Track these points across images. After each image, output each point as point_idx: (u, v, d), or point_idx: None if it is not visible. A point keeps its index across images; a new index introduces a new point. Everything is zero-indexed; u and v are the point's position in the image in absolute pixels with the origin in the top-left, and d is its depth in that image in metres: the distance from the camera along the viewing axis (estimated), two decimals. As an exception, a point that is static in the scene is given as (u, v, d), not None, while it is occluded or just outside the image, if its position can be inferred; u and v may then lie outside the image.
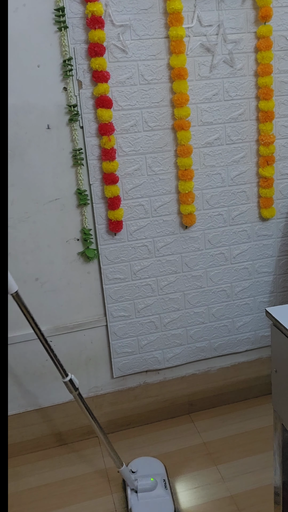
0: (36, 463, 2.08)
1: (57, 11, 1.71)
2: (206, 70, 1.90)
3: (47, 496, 1.91)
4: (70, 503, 1.87)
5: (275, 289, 2.22)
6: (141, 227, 1.99)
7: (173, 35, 1.79)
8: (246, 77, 1.94)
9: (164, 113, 1.90)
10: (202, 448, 2.07)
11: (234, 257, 2.13)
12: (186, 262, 2.08)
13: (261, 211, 2.09)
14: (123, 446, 2.12)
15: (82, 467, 2.04)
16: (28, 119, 1.79)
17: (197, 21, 1.84)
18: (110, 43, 1.78)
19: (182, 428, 2.19)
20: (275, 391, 1.32)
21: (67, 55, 1.76)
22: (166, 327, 2.13)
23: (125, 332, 2.09)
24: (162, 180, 1.96)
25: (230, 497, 1.83)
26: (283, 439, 1.36)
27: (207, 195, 2.03)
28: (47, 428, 2.13)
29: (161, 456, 2.05)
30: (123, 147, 1.89)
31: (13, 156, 1.81)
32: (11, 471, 2.04)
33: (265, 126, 1.97)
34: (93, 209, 1.93)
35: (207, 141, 1.97)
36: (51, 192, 1.88)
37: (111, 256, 1.99)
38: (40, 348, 2.03)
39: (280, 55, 1.94)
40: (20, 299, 1.52)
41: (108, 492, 1.90)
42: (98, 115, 1.81)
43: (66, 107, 1.81)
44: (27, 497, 1.92)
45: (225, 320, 2.20)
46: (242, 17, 1.87)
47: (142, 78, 1.84)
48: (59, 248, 1.94)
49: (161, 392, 2.22)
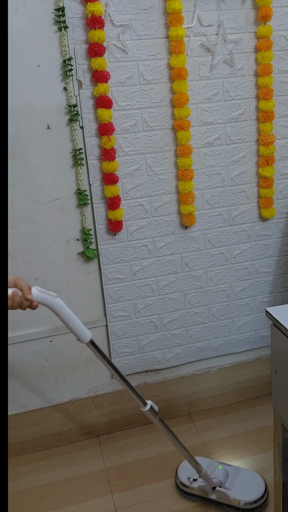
0: (36, 463, 2.08)
1: (57, 11, 1.71)
2: (206, 70, 1.90)
3: (47, 496, 1.91)
4: (70, 503, 1.87)
5: (275, 289, 2.22)
6: (141, 227, 1.99)
7: (173, 35, 1.79)
8: (246, 77, 1.94)
9: (164, 113, 1.90)
10: (202, 448, 2.07)
11: (234, 257, 2.13)
12: (186, 262, 2.08)
13: (261, 211, 2.09)
14: (123, 446, 2.12)
15: (82, 467, 2.04)
16: (28, 119, 1.79)
17: (197, 21, 1.84)
18: (110, 43, 1.78)
19: (182, 428, 2.19)
20: (275, 391, 1.32)
21: (67, 55, 1.76)
22: (166, 327, 2.13)
23: (125, 332, 2.09)
24: (162, 180, 1.96)
25: (230, 497, 1.83)
26: (283, 439, 1.36)
27: (207, 195, 2.03)
28: (47, 428, 2.13)
29: (161, 456, 2.05)
30: (123, 147, 1.89)
31: (13, 156, 1.81)
32: (11, 471, 2.04)
33: (265, 126, 1.97)
34: (93, 209, 1.93)
35: (207, 141, 1.97)
36: (51, 192, 1.88)
37: (111, 256, 1.99)
38: (40, 348, 2.04)
39: (280, 55, 1.94)
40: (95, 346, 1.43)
41: (108, 492, 1.90)
42: (98, 115, 1.81)
43: (66, 107, 1.81)
44: (27, 497, 1.92)
45: (225, 320, 2.20)
46: (242, 17, 1.87)
47: (142, 78, 1.84)
48: (59, 248, 1.94)
49: (161, 392, 2.22)
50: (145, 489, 1.90)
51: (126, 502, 1.86)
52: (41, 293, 1.26)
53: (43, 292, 1.27)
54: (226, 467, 1.85)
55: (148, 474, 1.97)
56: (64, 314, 1.32)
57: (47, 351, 2.04)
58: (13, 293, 1.20)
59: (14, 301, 1.20)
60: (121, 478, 1.96)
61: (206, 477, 1.75)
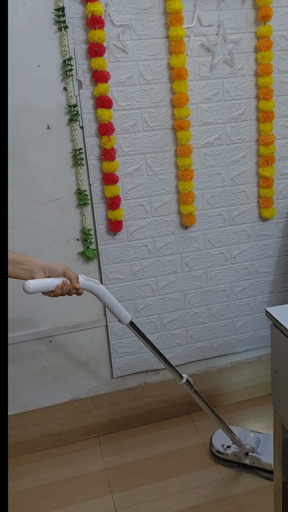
0: (36, 463, 2.08)
1: (57, 11, 1.71)
2: (206, 70, 1.90)
3: (47, 496, 1.91)
4: (70, 503, 1.87)
5: (275, 289, 2.22)
6: (141, 227, 1.99)
7: (173, 35, 1.79)
8: (246, 77, 1.94)
9: (164, 113, 1.90)
10: (202, 448, 2.07)
11: (234, 257, 2.13)
12: (186, 262, 2.08)
13: (261, 211, 2.09)
14: (123, 446, 2.12)
15: (82, 467, 2.04)
16: (28, 119, 1.79)
17: (197, 21, 1.84)
18: (110, 43, 1.78)
19: (182, 428, 2.19)
20: (275, 391, 1.32)
21: (67, 55, 1.76)
22: (166, 327, 2.13)
23: (125, 332, 2.09)
24: (162, 180, 1.96)
25: (230, 497, 1.83)
26: (283, 439, 1.36)
27: (207, 195, 2.03)
28: (47, 428, 2.13)
29: (161, 456, 2.05)
30: (123, 147, 1.89)
31: (13, 156, 1.81)
32: (11, 471, 2.04)
33: (265, 126, 1.97)
34: (93, 209, 1.93)
35: (207, 141, 1.97)
36: (51, 192, 1.88)
37: (111, 256, 1.99)
38: (40, 348, 2.04)
39: (280, 55, 1.94)
40: (135, 326, 1.58)
41: (108, 492, 1.90)
42: (98, 115, 1.81)
43: (66, 107, 1.81)
44: (27, 497, 1.92)
45: (225, 320, 2.20)
46: (242, 17, 1.87)
47: (142, 78, 1.84)
48: (59, 248, 1.94)
49: (161, 392, 2.22)
50: (145, 489, 1.90)
51: (126, 502, 1.86)
52: (86, 281, 1.41)
53: (88, 279, 1.41)
54: (257, 435, 1.98)
55: (148, 474, 1.97)
56: (107, 298, 1.47)
57: (47, 351, 2.04)
58: (62, 282, 1.34)
59: (63, 290, 1.34)
60: (121, 478, 1.96)
61: (239, 444, 1.89)
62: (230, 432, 1.85)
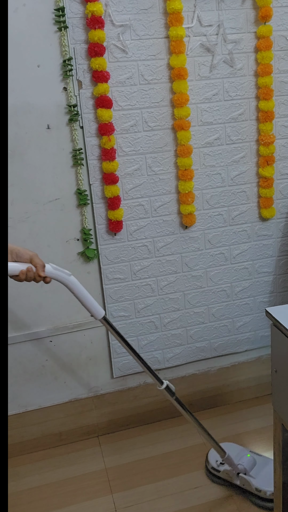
0: (36, 463, 2.08)
1: (57, 11, 1.71)
2: (206, 70, 1.90)
3: (47, 496, 1.91)
4: (70, 503, 1.87)
5: (275, 289, 2.22)
6: (141, 227, 1.99)
7: (173, 35, 1.79)
8: (246, 77, 1.94)
9: (164, 113, 1.90)
10: (202, 448, 2.07)
11: (234, 257, 2.13)
12: (186, 262, 2.08)
13: (261, 211, 2.09)
14: (123, 446, 2.12)
15: (82, 467, 2.04)
16: (28, 119, 1.79)
17: (197, 21, 1.84)
18: (110, 43, 1.78)
19: (182, 428, 2.19)
20: (275, 391, 1.32)
21: (67, 55, 1.76)
22: (166, 327, 2.14)
23: (125, 332, 2.08)
24: (162, 180, 1.96)
25: (230, 497, 1.83)
26: (283, 439, 1.36)
27: (207, 195, 2.03)
28: (47, 428, 2.13)
29: (161, 456, 2.05)
30: (123, 147, 1.89)
31: (13, 156, 1.81)
32: (11, 471, 2.04)
33: (265, 126, 1.97)
34: (93, 209, 1.93)
35: (207, 141, 1.97)
36: (51, 192, 1.88)
37: (111, 256, 1.99)
38: (40, 348, 2.04)
39: (280, 55, 1.94)
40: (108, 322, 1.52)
41: (108, 492, 1.90)
42: (98, 115, 1.81)
43: (66, 107, 1.81)
44: (27, 497, 1.92)
45: (225, 320, 2.20)
46: (242, 17, 1.87)
47: (142, 78, 1.84)
48: (59, 248, 1.94)
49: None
50: (145, 489, 1.90)
51: (126, 502, 1.86)
52: (55, 270, 1.37)
53: (57, 269, 1.38)
54: (255, 456, 1.88)
55: (148, 474, 1.97)
56: (78, 291, 1.41)
57: (47, 351, 2.04)
58: (27, 269, 1.33)
59: (27, 276, 1.34)
60: (121, 478, 1.96)
61: (230, 462, 1.78)
62: (218, 447, 1.73)
